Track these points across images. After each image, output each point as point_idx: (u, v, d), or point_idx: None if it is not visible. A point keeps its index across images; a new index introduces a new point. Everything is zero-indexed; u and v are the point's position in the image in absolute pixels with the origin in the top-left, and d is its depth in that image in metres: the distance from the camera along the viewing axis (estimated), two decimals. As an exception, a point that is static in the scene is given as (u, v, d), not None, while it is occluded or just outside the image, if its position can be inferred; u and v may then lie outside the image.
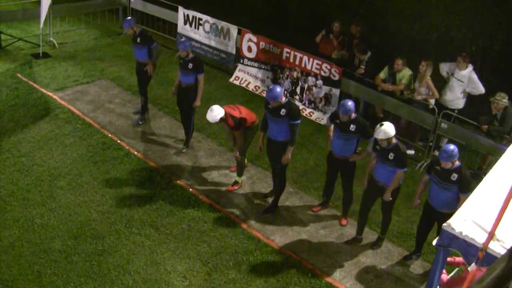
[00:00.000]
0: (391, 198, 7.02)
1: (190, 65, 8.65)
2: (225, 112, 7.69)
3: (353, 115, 7.27)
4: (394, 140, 6.85)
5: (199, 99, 8.83)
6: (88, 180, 8.27)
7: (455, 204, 6.39)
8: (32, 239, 7.07)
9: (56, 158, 8.71)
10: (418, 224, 7.21)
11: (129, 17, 9.75)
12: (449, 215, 5.25)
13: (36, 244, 6.99)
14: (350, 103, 7.23)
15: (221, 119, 7.68)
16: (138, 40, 9.44)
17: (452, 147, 6.48)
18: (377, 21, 11.61)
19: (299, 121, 7.49)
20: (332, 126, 7.57)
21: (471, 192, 5.48)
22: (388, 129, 6.72)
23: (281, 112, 7.36)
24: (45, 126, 9.54)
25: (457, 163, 6.52)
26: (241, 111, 7.86)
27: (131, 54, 12.87)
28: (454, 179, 6.48)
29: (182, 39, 9.22)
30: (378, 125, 6.81)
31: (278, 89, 7.33)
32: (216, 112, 7.64)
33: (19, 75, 11.31)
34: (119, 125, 9.83)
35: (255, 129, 8.08)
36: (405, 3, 11.28)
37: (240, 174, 8.33)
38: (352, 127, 7.27)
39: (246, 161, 8.53)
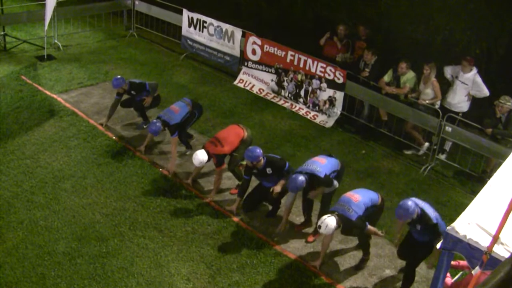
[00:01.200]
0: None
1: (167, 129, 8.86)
2: (209, 152, 7.99)
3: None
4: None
5: (172, 165, 8.74)
6: (92, 183, 8.28)
7: (437, 238, 6.12)
8: (36, 241, 7.07)
9: (60, 160, 8.73)
10: (397, 250, 6.98)
11: (118, 76, 9.53)
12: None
13: (40, 246, 6.99)
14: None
15: (207, 160, 8.03)
16: (133, 92, 9.58)
17: (409, 203, 6.24)
18: (381, 24, 11.60)
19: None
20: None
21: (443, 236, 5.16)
22: (329, 223, 6.52)
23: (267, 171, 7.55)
24: (49, 128, 9.57)
25: (417, 213, 6.30)
26: (223, 143, 8.06)
27: (135, 56, 13.00)
28: (419, 229, 6.40)
29: (153, 126, 8.56)
30: (317, 226, 6.68)
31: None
32: (200, 158, 7.93)
33: (23, 77, 11.35)
34: (123, 128, 9.84)
35: (246, 142, 8.23)
36: (409, 6, 11.27)
37: (240, 178, 8.28)
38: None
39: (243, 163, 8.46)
